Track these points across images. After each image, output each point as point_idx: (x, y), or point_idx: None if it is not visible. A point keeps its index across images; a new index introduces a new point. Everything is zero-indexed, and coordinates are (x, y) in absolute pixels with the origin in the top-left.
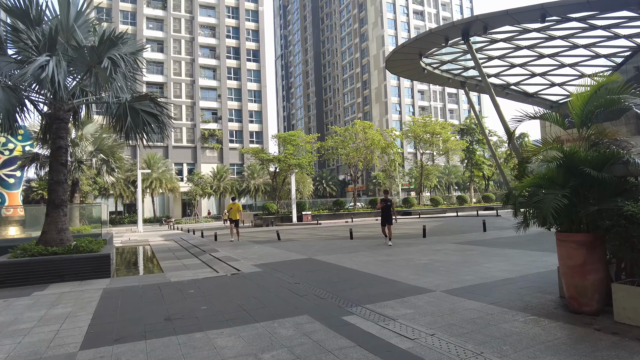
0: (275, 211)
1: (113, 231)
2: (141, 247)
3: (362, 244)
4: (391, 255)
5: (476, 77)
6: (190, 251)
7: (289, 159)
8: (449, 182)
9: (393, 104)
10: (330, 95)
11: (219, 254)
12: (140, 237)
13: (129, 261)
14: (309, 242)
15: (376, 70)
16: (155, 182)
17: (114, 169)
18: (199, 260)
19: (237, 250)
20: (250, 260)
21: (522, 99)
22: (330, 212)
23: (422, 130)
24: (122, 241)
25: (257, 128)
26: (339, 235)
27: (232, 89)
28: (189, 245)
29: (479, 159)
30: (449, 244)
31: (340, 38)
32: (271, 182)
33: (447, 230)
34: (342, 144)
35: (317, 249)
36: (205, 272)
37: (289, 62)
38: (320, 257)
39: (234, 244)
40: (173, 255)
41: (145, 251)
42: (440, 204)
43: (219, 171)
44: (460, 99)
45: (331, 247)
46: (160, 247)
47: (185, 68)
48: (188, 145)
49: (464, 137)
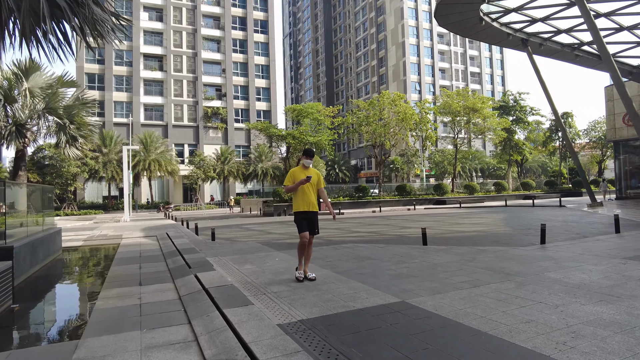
0: (288, 198)
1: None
2: (99, 251)
3: (458, 257)
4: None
5: (541, 33)
6: (169, 263)
7: (306, 135)
8: (472, 168)
9: (412, 83)
10: (342, 75)
11: (211, 277)
12: (117, 230)
13: (43, 289)
14: (359, 251)
15: (394, 45)
16: (153, 164)
17: (76, 138)
18: (171, 294)
19: (245, 266)
20: (274, 299)
21: (594, 63)
22: (351, 199)
23: (460, 105)
24: (85, 238)
25: (265, 106)
26: (394, 235)
27: (238, 63)
28: (171, 251)
29: (518, 141)
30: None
31: (354, 12)
32: (282, 164)
33: (556, 229)
34: (367, 119)
35: (388, 269)
36: (174, 345)
37: (298, 40)
38: (423, 298)
39: (241, 252)
40: (133, 275)
41: (98, 261)
42: (477, 192)
43: (223, 153)
44: (484, 79)
45: (412, 264)
46: (128, 252)
47: (187, 39)
48: (189, 124)
49: (502, 116)
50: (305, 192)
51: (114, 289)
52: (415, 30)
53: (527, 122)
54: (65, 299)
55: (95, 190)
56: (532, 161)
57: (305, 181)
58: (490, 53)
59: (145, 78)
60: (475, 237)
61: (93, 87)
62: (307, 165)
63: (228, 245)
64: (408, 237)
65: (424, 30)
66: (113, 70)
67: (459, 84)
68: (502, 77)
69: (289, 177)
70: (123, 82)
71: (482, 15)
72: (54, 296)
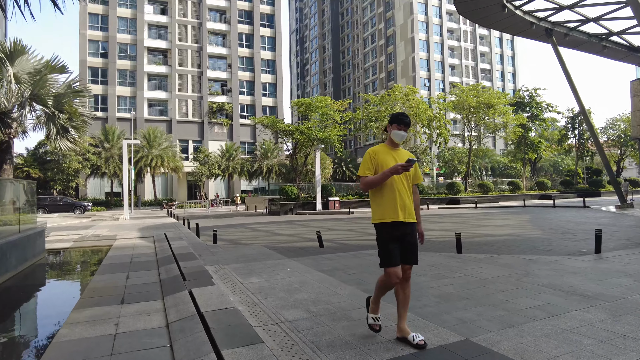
0: (296, 196)
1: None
2: (86, 255)
3: (507, 270)
4: None
5: (567, 22)
6: (161, 272)
7: (314, 131)
8: (482, 166)
9: (422, 79)
10: (349, 72)
11: (208, 295)
12: (113, 230)
13: (11, 306)
14: None
15: (403, 41)
16: (156, 160)
17: (67, 129)
18: (158, 318)
19: (250, 278)
20: (290, 332)
21: (622, 55)
22: (360, 198)
23: (475, 100)
24: (76, 239)
25: (271, 102)
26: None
27: (244, 57)
28: (167, 256)
29: (534, 139)
30: None
31: (362, 8)
32: (289, 161)
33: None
34: (377, 114)
35: (430, 287)
36: None
37: (305, 36)
38: (493, 334)
39: (246, 259)
40: (117, 288)
41: (82, 267)
42: (491, 191)
43: (228, 149)
44: (494, 76)
45: (456, 279)
46: (119, 257)
47: (192, 33)
48: (194, 120)
49: (517, 112)
50: (397, 188)
51: (88, 308)
52: (425, 25)
53: (542, 119)
54: (21, 324)
55: (98, 186)
56: (544, 160)
57: (405, 168)
58: (501, 49)
59: (149, 72)
60: (509, 242)
61: (96, 81)
62: (400, 139)
63: (231, 249)
64: (433, 242)
65: (434, 26)
66: (116, 64)
67: (469, 81)
68: (512, 74)
69: (367, 161)
70: (127, 77)
71: (505, 2)
72: (8, 319)
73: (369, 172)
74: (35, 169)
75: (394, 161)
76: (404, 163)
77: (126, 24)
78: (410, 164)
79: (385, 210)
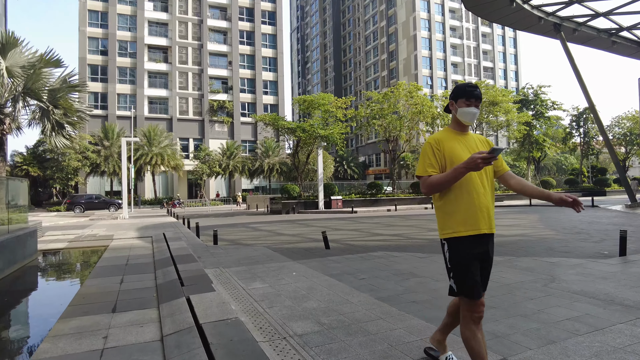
0: (298, 195)
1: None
2: (81, 256)
3: (531, 275)
4: None
5: (576, 17)
6: (158, 276)
7: (317, 128)
8: None
9: (424, 77)
10: (351, 70)
11: (208, 303)
12: (110, 230)
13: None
14: (396, 262)
15: (405, 39)
16: (156, 158)
17: (62, 126)
18: (151, 330)
19: (253, 283)
20: (300, 349)
21: (632, 51)
22: (362, 197)
23: None
24: (72, 239)
25: (272, 100)
26: (424, 240)
27: (245, 55)
28: (165, 258)
29: (539, 137)
30: None
31: (364, 5)
32: (290, 160)
33: (615, 234)
34: (381, 112)
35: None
36: None
37: (306, 34)
38: (532, 353)
39: (248, 261)
40: (110, 294)
41: (75, 269)
42: (495, 190)
43: (229, 147)
44: (497, 74)
45: None
46: (114, 258)
47: (192, 30)
48: (194, 118)
49: (522, 110)
50: (474, 189)
51: (75, 318)
52: (427, 23)
53: (547, 117)
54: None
55: (98, 184)
56: (547, 159)
57: (486, 161)
58: (504, 47)
59: (150, 70)
60: (523, 243)
61: (96, 78)
62: (471, 119)
63: (232, 251)
64: None
65: (436, 23)
66: (116, 62)
67: (472, 79)
68: (515, 72)
69: (428, 155)
70: (127, 74)
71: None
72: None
73: (432, 169)
74: (34, 167)
75: (466, 151)
76: (485, 153)
77: (126, 21)
78: (495, 155)
79: (460, 221)
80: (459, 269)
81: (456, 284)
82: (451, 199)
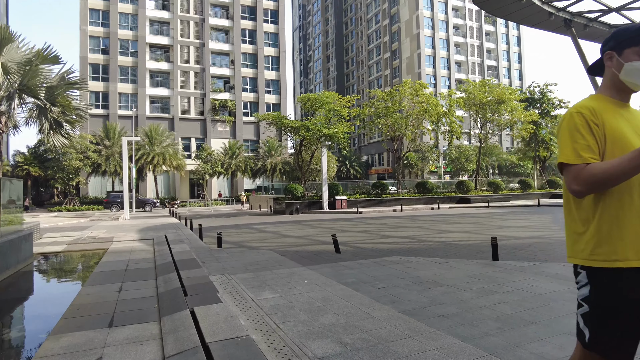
0: (301, 195)
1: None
2: (79, 260)
3: (564, 284)
4: None
5: (587, 12)
6: (159, 283)
7: (321, 127)
8: (489, 164)
9: (427, 76)
10: (353, 69)
11: (215, 317)
12: (110, 231)
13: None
14: (414, 268)
15: (408, 37)
16: (158, 158)
17: (60, 124)
18: (152, 349)
19: (263, 293)
20: None
21: None
22: (367, 197)
23: (485, 96)
24: (70, 241)
25: (275, 99)
26: (436, 242)
27: (247, 54)
28: (166, 262)
29: (546, 136)
30: None
31: (366, 4)
32: (294, 159)
33: None
34: (385, 110)
35: (482, 307)
36: None
37: (308, 33)
38: None
39: (255, 267)
40: (107, 304)
41: (71, 275)
42: (502, 190)
43: (231, 147)
44: (501, 73)
45: (508, 296)
46: (113, 263)
47: (194, 29)
48: (196, 117)
49: (528, 108)
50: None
51: (67, 334)
52: (431, 21)
53: (554, 115)
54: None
55: (99, 184)
56: (552, 159)
57: None
58: (508, 46)
59: (151, 69)
60: (542, 245)
61: (97, 78)
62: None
63: (238, 254)
64: (458, 246)
65: (440, 22)
66: (118, 61)
67: (475, 78)
68: (519, 70)
69: (579, 130)
70: (128, 73)
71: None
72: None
73: (590, 154)
74: (35, 167)
75: (633, 133)
76: None
77: (127, 20)
78: None
79: (629, 243)
80: (600, 315)
81: (589, 333)
82: (614, 205)
